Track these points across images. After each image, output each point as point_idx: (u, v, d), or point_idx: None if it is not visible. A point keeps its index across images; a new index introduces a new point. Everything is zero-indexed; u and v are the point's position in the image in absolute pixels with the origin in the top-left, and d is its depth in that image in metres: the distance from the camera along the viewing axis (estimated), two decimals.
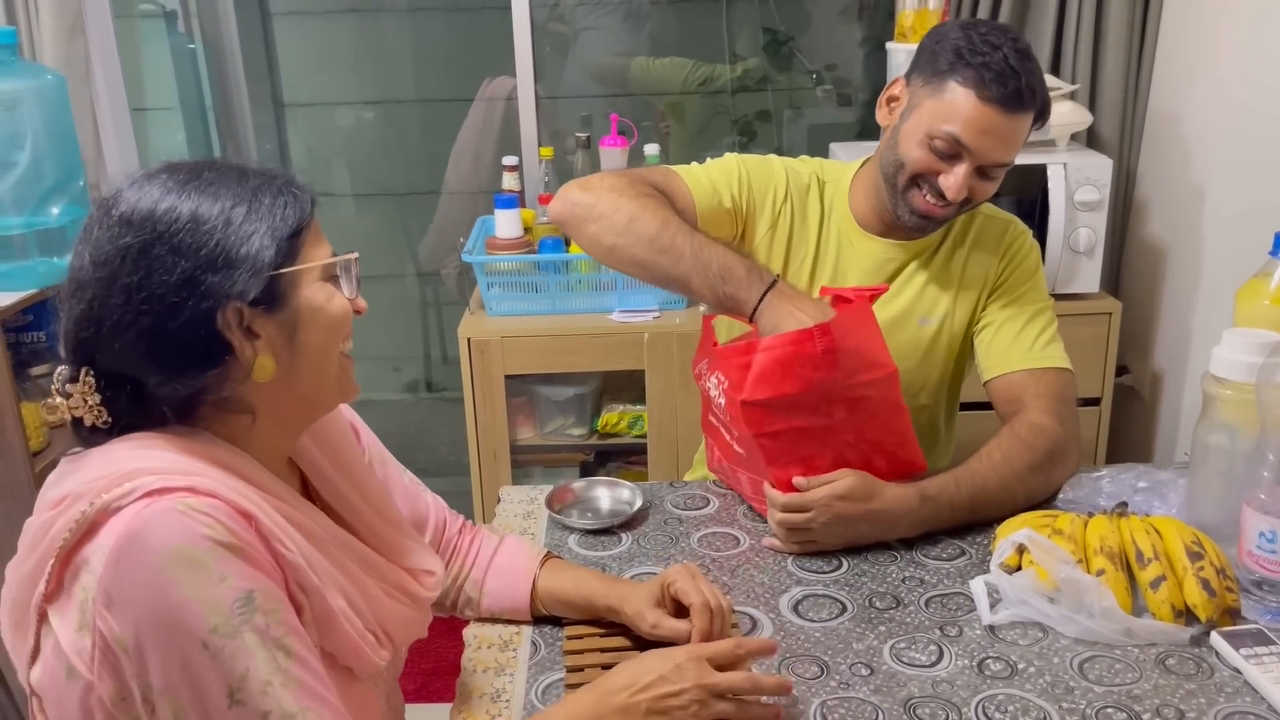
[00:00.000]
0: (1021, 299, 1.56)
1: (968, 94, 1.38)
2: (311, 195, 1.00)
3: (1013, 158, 1.43)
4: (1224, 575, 1.20)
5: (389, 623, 1.05)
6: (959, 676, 1.13)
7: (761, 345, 1.32)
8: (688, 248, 1.39)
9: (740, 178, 1.57)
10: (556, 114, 3.08)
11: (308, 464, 1.09)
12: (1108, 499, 1.39)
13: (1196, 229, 2.27)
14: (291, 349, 0.97)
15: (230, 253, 0.92)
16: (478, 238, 2.46)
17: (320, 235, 1.01)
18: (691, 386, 2.30)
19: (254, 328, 0.95)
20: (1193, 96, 2.28)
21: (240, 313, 0.93)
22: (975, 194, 1.46)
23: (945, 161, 1.43)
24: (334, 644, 0.97)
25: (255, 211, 0.95)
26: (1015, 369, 1.52)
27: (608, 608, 1.21)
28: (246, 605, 0.86)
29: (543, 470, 2.58)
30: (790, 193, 1.59)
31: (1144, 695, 1.09)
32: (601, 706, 1.00)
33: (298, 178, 1.00)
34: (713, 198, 1.54)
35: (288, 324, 0.97)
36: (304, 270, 0.97)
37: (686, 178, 1.54)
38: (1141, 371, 2.50)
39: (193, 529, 0.86)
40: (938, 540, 1.40)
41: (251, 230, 0.94)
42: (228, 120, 3.38)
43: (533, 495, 1.58)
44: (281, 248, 0.95)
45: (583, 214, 1.45)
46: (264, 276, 0.94)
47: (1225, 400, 1.29)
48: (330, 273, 1.00)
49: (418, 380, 3.75)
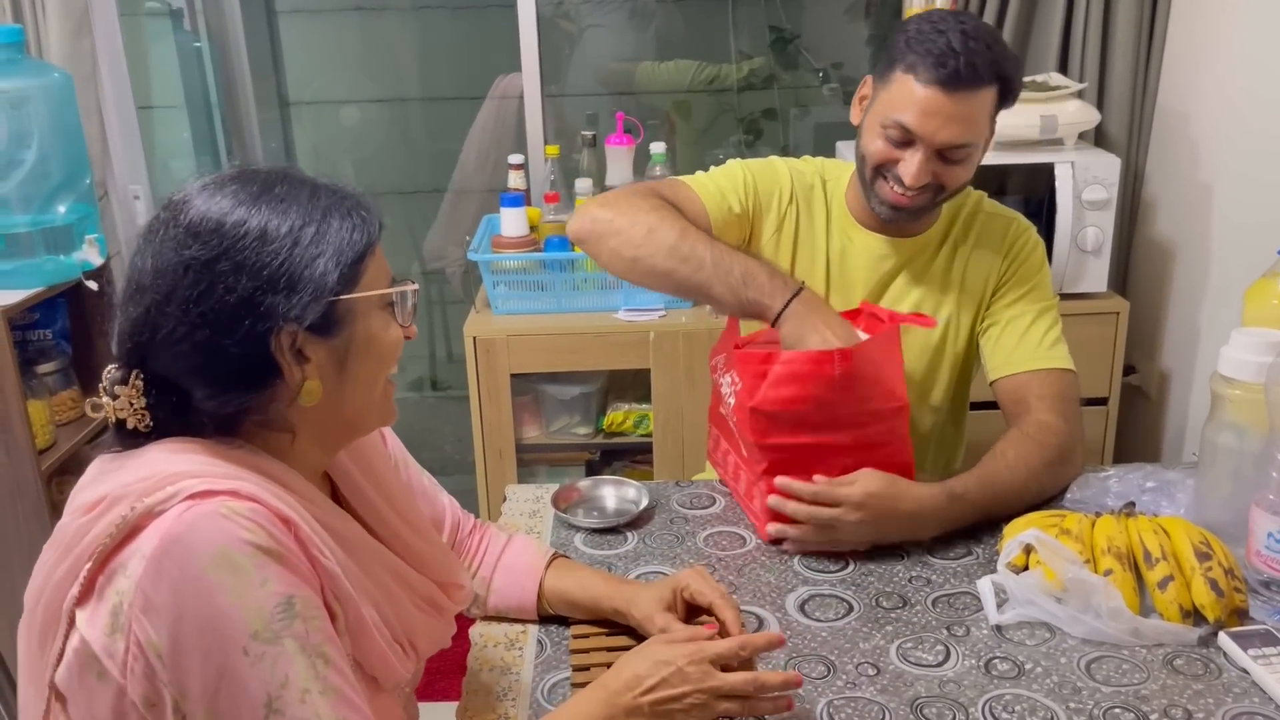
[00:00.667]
0: (1026, 297, 1.56)
1: (909, 80, 1.40)
2: (380, 219, 0.99)
3: (971, 138, 1.42)
4: (1232, 576, 1.19)
5: (416, 634, 1.04)
6: (966, 676, 1.13)
7: (781, 358, 1.33)
8: (708, 255, 1.40)
9: (746, 182, 1.58)
10: (563, 112, 3.07)
11: (339, 474, 1.09)
12: (1115, 499, 1.38)
13: (1205, 228, 2.26)
14: (340, 375, 0.97)
15: (294, 275, 0.91)
16: (483, 236, 2.46)
17: (383, 259, 1.00)
18: (697, 385, 2.30)
19: (305, 351, 0.94)
20: (1201, 95, 2.28)
21: (294, 336, 0.92)
22: (942, 179, 1.45)
23: (901, 149, 1.43)
24: (364, 654, 0.96)
25: (323, 234, 0.93)
26: (1021, 370, 1.52)
27: (614, 609, 1.21)
28: (287, 611, 0.86)
29: (548, 469, 2.58)
30: (795, 194, 1.59)
31: (1151, 696, 1.09)
32: (609, 708, 1.00)
33: (367, 198, 0.99)
34: (723, 205, 1.55)
35: (340, 350, 0.96)
36: (363, 298, 0.96)
37: (695, 187, 1.55)
38: (1149, 371, 2.49)
39: (235, 533, 0.85)
40: (945, 540, 1.40)
41: (318, 253, 0.92)
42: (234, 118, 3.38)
43: (539, 494, 1.57)
44: (345, 273, 0.94)
45: (602, 229, 1.46)
46: (324, 302, 0.93)
47: (1234, 400, 1.28)
48: (388, 300, 0.99)
49: (423, 379, 3.75)
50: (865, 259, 1.58)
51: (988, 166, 2.23)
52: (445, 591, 1.11)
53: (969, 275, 1.58)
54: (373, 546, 1.04)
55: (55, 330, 2.33)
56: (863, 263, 1.58)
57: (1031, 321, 1.55)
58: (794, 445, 1.35)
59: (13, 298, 2.09)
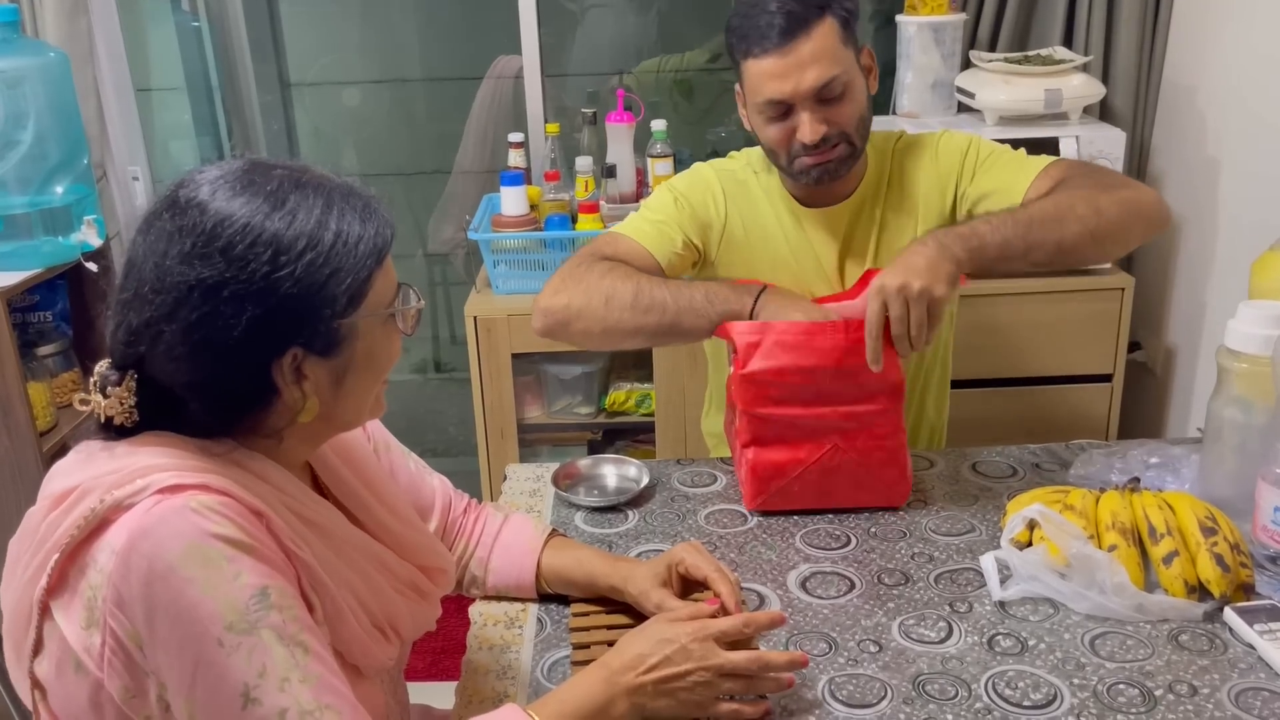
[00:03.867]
0: (985, 164, 1.55)
1: (751, 63, 1.43)
2: (392, 228, 0.96)
3: (832, 71, 1.41)
4: (1238, 550, 1.18)
5: (398, 619, 1.04)
6: (969, 653, 1.12)
7: (776, 328, 1.33)
8: (668, 295, 1.41)
9: (680, 208, 1.58)
10: (564, 90, 3.05)
11: (319, 461, 1.08)
12: (1120, 475, 1.37)
13: (1211, 202, 2.24)
14: (337, 390, 0.95)
15: (302, 299, 0.89)
16: (484, 216, 2.45)
17: (390, 270, 0.97)
18: (699, 365, 2.29)
19: (305, 370, 0.92)
20: (1208, 68, 2.25)
21: (296, 357, 0.91)
22: (837, 120, 1.44)
23: (787, 120, 1.45)
24: (343, 642, 0.96)
25: (336, 250, 0.90)
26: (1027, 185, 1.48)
27: (610, 587, 1.20)
28: (262, 601, 0.85)
29: (550, 449, 2.57)
30: (728, 195, 1.59)
31: (1156, 671, 1.08)
32: (612, 688, 0.99)
33: (381, 205, 0.96)
34: (665, 242, 1.54)
35: (339, 368, 0.94)
36: (371, 316, 0.94)
37: (636, 236, 1.55)
38: (1154, 347, 2.48)
39: (205, 526, 0.85)
40: (947, 516, 1.39)
41: (329, 273, 0.89)
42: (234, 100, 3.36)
43: (539, 473, 1.57)
44: (355, 293, 0.92)
45: (563, 316, 1.46)
46: (332, 325, 0.91)
47: (1240, 374, 1.27)
48: (393, 311, 0.97)
49: (426, 360, 3.74)
50: (818, 234, 1.58)
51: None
52: (428, 575, 1.10)
53: (919, 194, 1.57)
54: (352, 534, 1.03)
55: (55, 312, 2.33)
56: (818, 237, 1.58)
57: (1005, 163, 1.54)
58: (781, 417, 1.35)
59: (11, 279, 2.08)
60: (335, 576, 0.95)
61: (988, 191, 1.53)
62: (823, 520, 1.39)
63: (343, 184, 0.95)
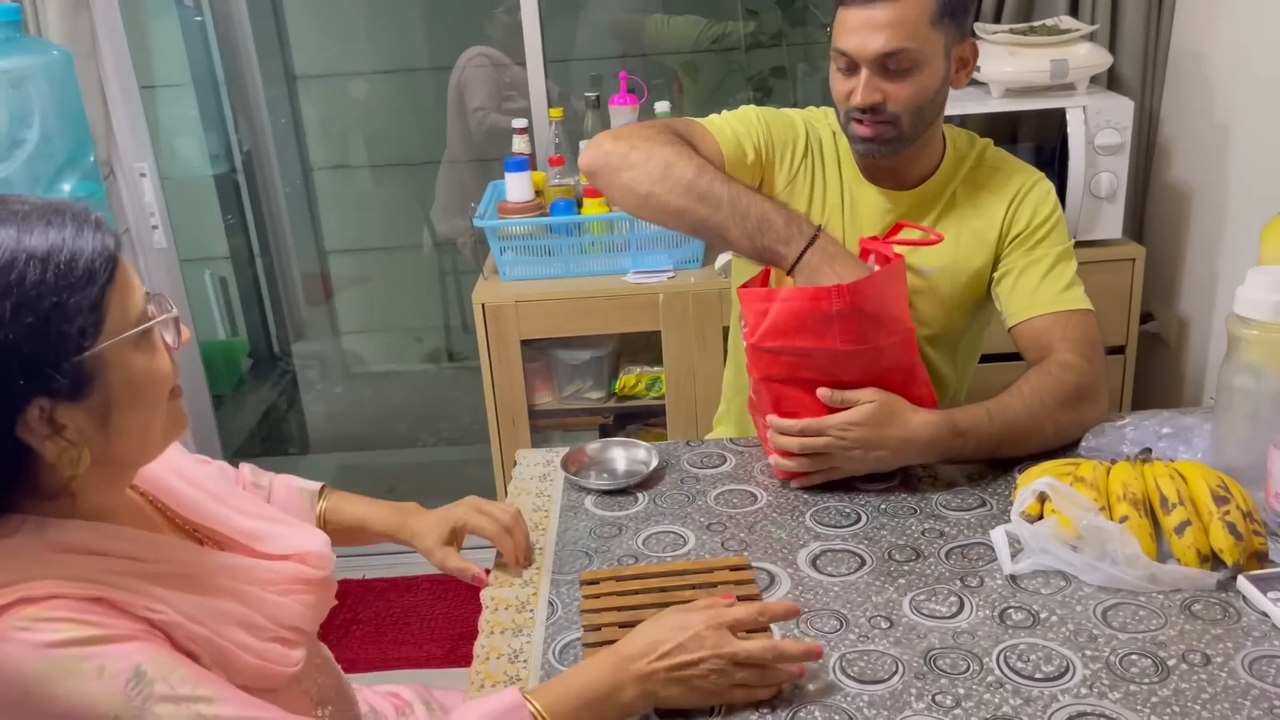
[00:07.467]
0: (1041, 244, 1.53)
1: (841, 11, 1.42)
2: (115, 237, 0.84)
3: (901, 43, 1.38)
4: (1251, 519, 1.17)
5: (292, 619, 1.01)
6: (980, 627, 1.12)
7: (780, 295, 1.32)
8: (725, 194, 1.37)
9: (760, 129, 1.56)
10: (567, 75, 3.04)
11: (156, 486, 1.01)
12: (1131, 446, 1.36)
13: (1221, 170, 2.22)
14: (107, 432, 0.85)
15: (25, 345, 0.77)
16: (489, 202, 2.45)
17: (129, 279, 0.85)
18: (708, 346, 2.28)
19: (57, 419, 0.81)
20: (1216, 34, 2.22)
21: (42, 409, 0.80)
22: (895, 95, 1.42)
23: (851, 78, 1.44)
24: (240, 677, 0.92)
25: (48, 281, 0.77)
26: (1041, 313, 1.50)
27: (385, 534, 1.26)
28: (139, 681, 0.80)
29: (562, 435, 2.57)
30: (810, 146, 1.58)
31: (1169, 641, 1.07)
32: (621, 674, 0.99)
33: (96, 216, 0.84)
34: (738, 149, 1.53)
35: (100, 406, 0.83)
36: (115, 343, 0.83)
37: (710, 128, 1.53)
38: (1167, 318, 2.46)
39: (41, 639, 0.78)
40: (958, 491, 1.38)
41: (49, 307, 0.77)
42: (240, 94, 3.37)
43: (549, 458, 1.57)
44: (88, 323, 0.80)
45: (617, 162, 1.43)
46: (70, 364, 0.79)
47: (1250, 341, 1.26)
48: (142, 328, 0.86)
49: (439, 350, 3.75)
50: (869, 212, 1.56)
51: (998, 114, 2.21)
52: (304, 561, 1.07)
53: (978, 224, 1.55)
54: (211, 560, 0.98)
55: None
56: (868, 215, 1.56)
57: (1050, 267, 1.52)
58: (798, 379, 1.35)
59: None
60: (207, 618, 0.90)
61: (1014, 274, 1.53)
62: (833, 498, 1.39)
63: (42, 204, 0.83)
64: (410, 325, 3.80)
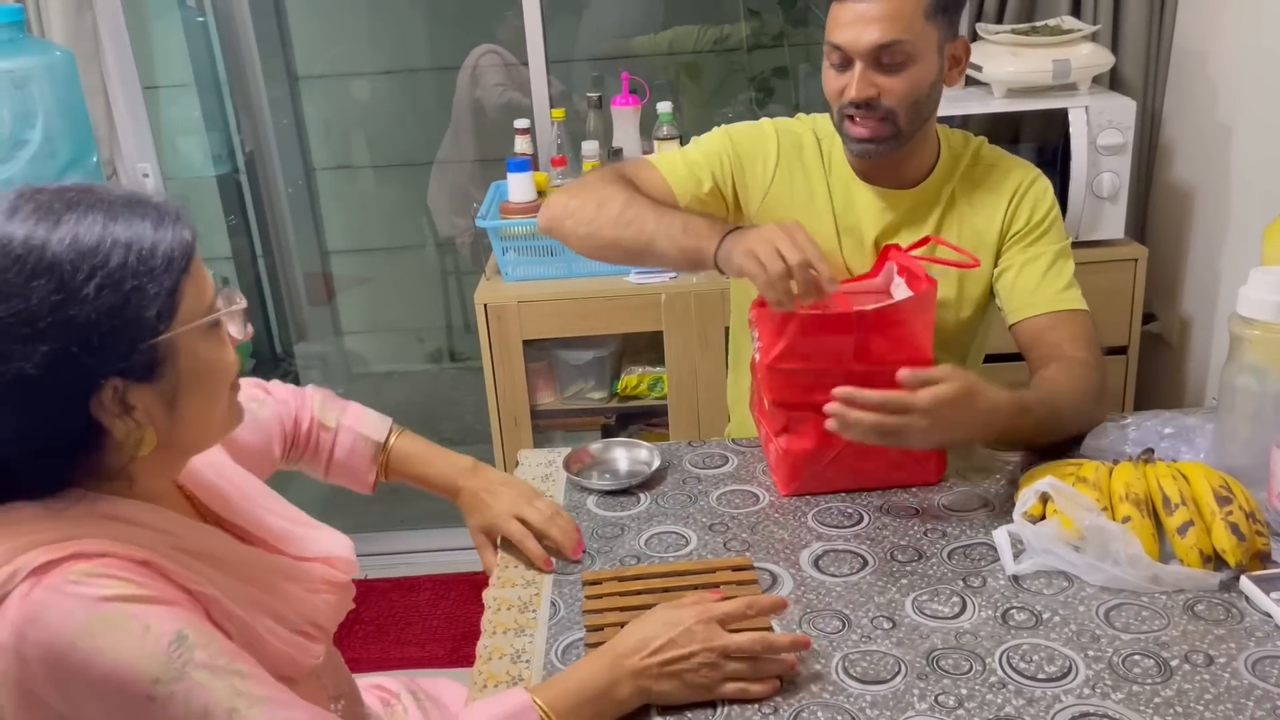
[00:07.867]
0: (1040, 241, 1.53)
1: (834, 4, 1.43)
2: (192, 230, 0.88)
3: (895, 35, 1.38)
4: (1253, 519, 1.17)
5: (316, 615, 1.03)
6: (983, 627, 1.12)
7: (799, 316, 1.31)
8: (650, 214, 1.43)
9: (725, 153, 1.57)
10: (569, 75, 3.05)
11: (194, 482, 1.04)
12: (1134, 446, 1.36)
13: (1224, 170, 2.22)
14: (173, 414, 0.89)
15: (104, 325, 0.81)
16: (491, 202, 2.45)
17: (201, 272, 0.89)
18: (710, 347, 2.29)
19: (131, 400, 0.85)
20: (1219, 34, 2.22)
21: (116, 389, 0.84)
22: (885, 92, 1.42)
23: (845, 73, 1.44)
24: (267, 662, 0.93)
25: (130, 266, 0.82)
26: (1042, 312, 1.50)
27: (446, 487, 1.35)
28: (181, 644, 0.82)
29: (564, 435, 2.57)
30: (782, 154, 1.58)
31: (1171, 642, 1.07)
32: (616, 670, 1.00)
33: (177, 208, 0.88)
34: (688, 180, 1.54)
35: (168, 391, 0.87)
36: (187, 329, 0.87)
37: (662, 168, 1.56)
38: (1169, 319, 2.46)
39: (93, 593, 0.80)
40: (960, 492, 1.38)
41: (129, 291, 0.82)
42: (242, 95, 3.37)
43: (550, 458, 1.57)
44: (164, 308, 0.84)
45: (561, 213, 1.51)
46: (144, 346, 0.83)
47: (1253, 341, 1.26)
48: (215, 320, 0.91)
49: (441, 350, 3.75)
50: (867, 213, 1.56)
51: (1000, 114, 2.21)
52: (330, 564, 1.10)
53: (979, 223, 1.55)
54: (246, 554, 1.00)
55: None
56: (866, 216, 1.56)
57: (1049, 263, 1.52)
58: (811, 403, 1.33)
59: None
60: (241, 602, 0.92)
61: (1014, 270, 1.53)
62: (835, 499, 1.39)
63: (127, 194, 0.87)
64: (412, 325, 3.81)
